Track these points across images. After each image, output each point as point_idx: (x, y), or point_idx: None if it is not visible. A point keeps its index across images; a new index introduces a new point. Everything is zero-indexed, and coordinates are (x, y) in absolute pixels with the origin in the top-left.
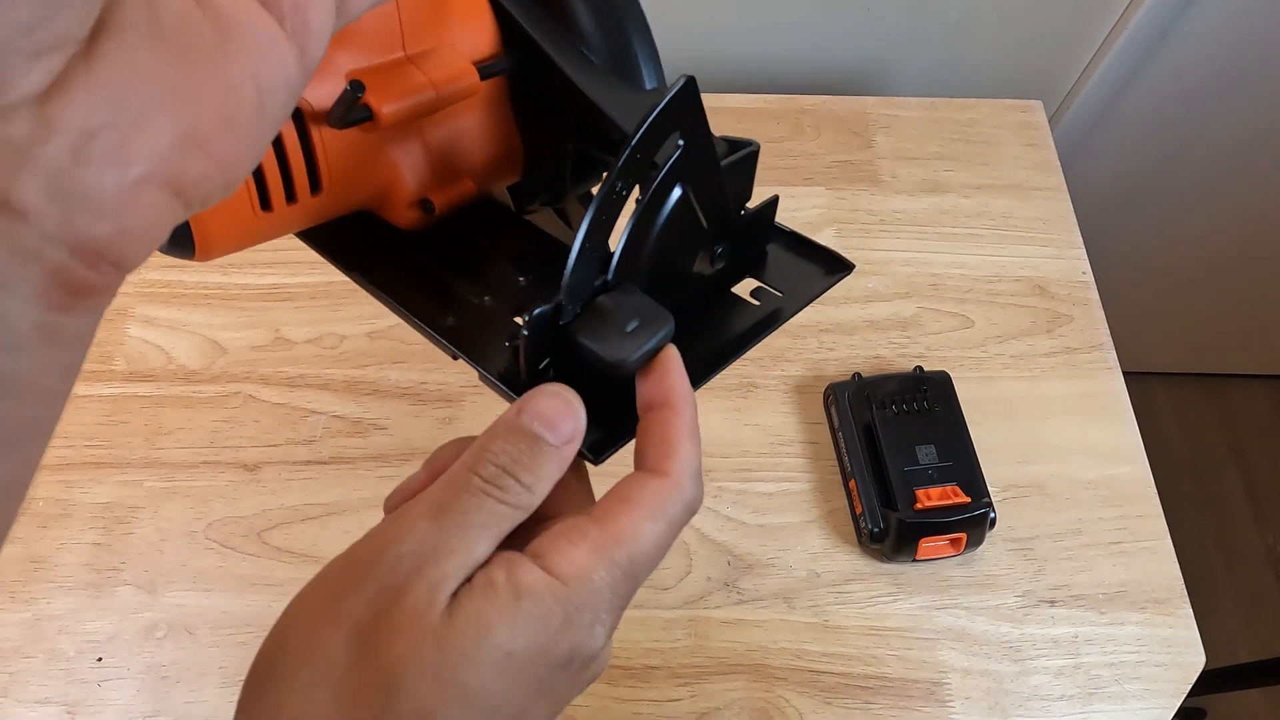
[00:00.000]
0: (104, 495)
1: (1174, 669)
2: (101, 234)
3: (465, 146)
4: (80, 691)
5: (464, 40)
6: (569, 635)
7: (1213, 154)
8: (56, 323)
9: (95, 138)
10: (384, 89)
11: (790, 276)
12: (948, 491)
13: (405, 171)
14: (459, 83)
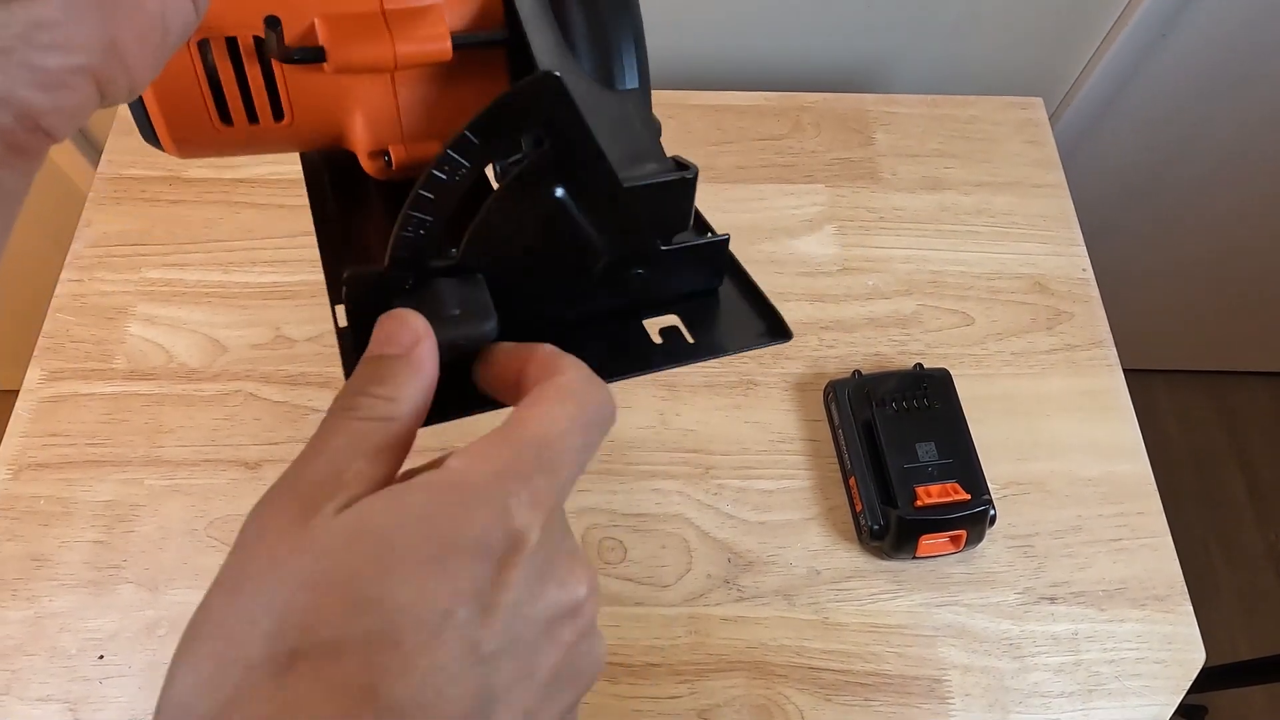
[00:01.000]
0: (105, 493)
1: (1174, 666)
2: (40, 105)
3: (440, 110)
4: (82, 689)
5: (459, 7)
6: (470, 514)
7: (1213, 151)
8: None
9: (45, 30)
10: (343, 37)
11: (720, 323)
12: (948, 489)
13: (367, 120)
14: (424, 47)
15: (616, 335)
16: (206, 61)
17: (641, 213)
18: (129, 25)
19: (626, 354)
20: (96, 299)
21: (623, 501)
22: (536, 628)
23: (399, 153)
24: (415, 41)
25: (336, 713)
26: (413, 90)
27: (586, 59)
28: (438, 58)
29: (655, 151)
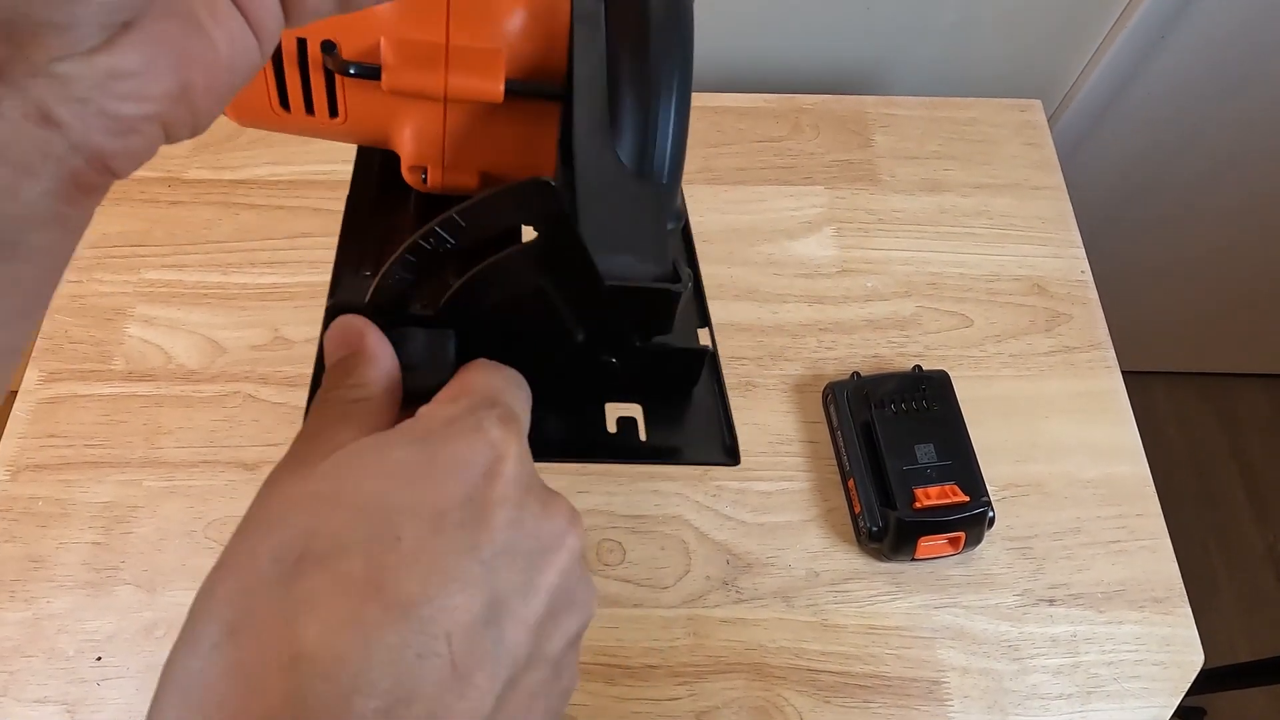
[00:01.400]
0: (103, 495)
1: (1173, 668)
2: (111, 149)
3: (484, 146)
4: (80, 691)
5: (522, 52)
6: (450, 433)
7: (1212, 153)
8: (65, 212)
9: (122, 80)
10: (402, 61)
11: (681, 427)
12: (946, 490)
13: (412, 137)
14: (476, 86)
15: (576, 414)
16: (275, 54)
17: (622, 311)
18: (200, 72)
19: (579, 438)
20: (95, 300)
21: (621, 503)
22: (530, 541)
23: (435, 176)
24: (469, 79)
25: (344, 605)
26: (461, 121)
27: (626, 138)
28: (488, 98)
29: (659, 251)
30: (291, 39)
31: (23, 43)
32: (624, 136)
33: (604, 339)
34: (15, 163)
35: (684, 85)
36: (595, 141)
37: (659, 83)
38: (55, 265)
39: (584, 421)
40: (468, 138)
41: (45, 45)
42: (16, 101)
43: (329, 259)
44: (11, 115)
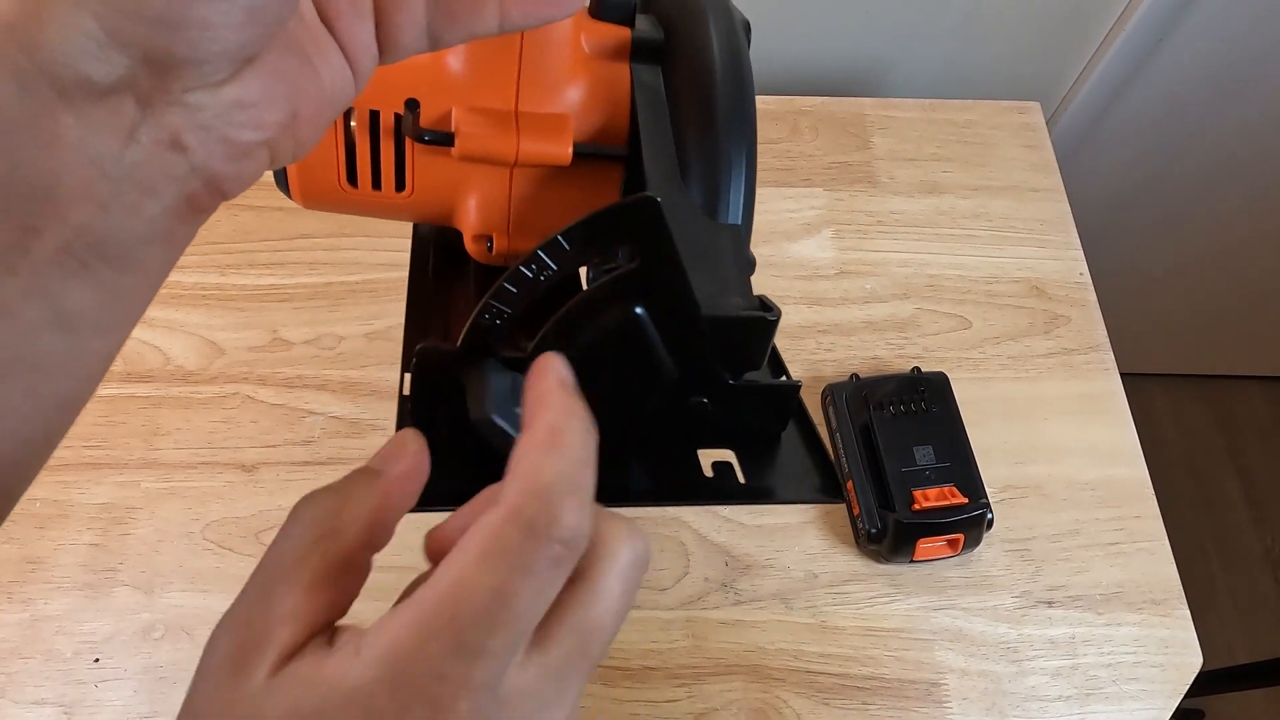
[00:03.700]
0: (101, 496)
1: (1171, 670)
2: (225, 173)
3: (549, 210)
4: (77, 692)
5: (587, 117)
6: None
7: (1210, 155)
8: (176, 230)
9: (243, 109)
10: (475, 128)
11: (776, 468)
12: (945, 492)
13: (479, 205)
14: (546, 150)
15: (668, 459)
16: (347, 129)
17: (716, 344)
18: (306, 103)
19: (676, 481)
20: None
21: None
22: None
23: (501, 242)
24: (540, 143)
25: None
26: (527, 186)
27: (696, 186)
28: (557, 161)
29: (742, 287)
30: (365, 110)
31: (164, 75)
32: (694, 183)
33: (696, 377)
34: (142, 183)
35: (751, 135)
36: (670, 186)
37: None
38: (157, 279)
39: (680, 466)
40: (533, 203)
41: (182, 77)
42: (152, 128)
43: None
44: (146, 141)
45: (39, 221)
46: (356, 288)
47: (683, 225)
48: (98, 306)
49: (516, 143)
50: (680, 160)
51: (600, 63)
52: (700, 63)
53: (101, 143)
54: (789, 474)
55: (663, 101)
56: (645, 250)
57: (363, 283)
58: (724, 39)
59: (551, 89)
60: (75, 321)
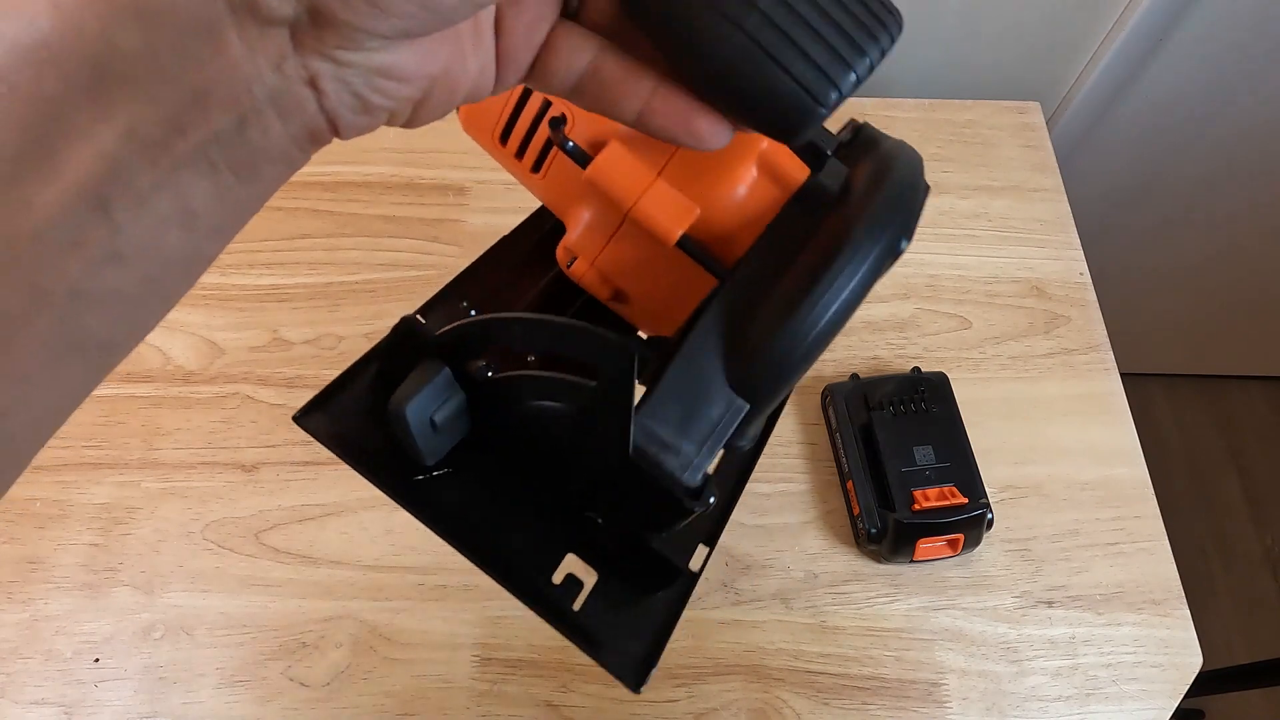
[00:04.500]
0: (101, 496)
1: (1171, 670)
2: (346, 121)
3: (637, 270)
4: (77, 692)
5: (713, 220)
6: None
7: (1210, 155)
8: (295, 154)
9: (384, 76)
10: (613, 163)
11: (614, 618)
12: (945, 492)
13: (583, 225)
14: (655, 220)
15: (535, 544)
16: (520, 98)
17: (630, 489)
18: (441, 88)
19: (522, 569)
20: None
21: None
22: None
23: (580, 268)
24: (655, 212)
25: None
26: (629, 239)
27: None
28: (661, 238)
29: (698, 459)
30: (540, 95)
31: (323, 29)
32: (739, 349)
33: (600, 499)
34: (277, 108)
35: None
36: (711, 339)
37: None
38: (266, 194)
39: (538, 554)
40: (625, 255)
41: (338, 36)
42: (298, 66)
43: (328, 260)
44: (290, 74)
45: (187, 121)
46: (356, 288)
47: (688, 378)
48: (216, 210)
49: (637, 198)
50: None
51: (762, 181)
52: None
53: (254, 65)
54: (622, 634)
55: (789, 246)
56: (604, 386)
57: (363, 283)
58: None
59: (700, 176)
60: (196, 221)
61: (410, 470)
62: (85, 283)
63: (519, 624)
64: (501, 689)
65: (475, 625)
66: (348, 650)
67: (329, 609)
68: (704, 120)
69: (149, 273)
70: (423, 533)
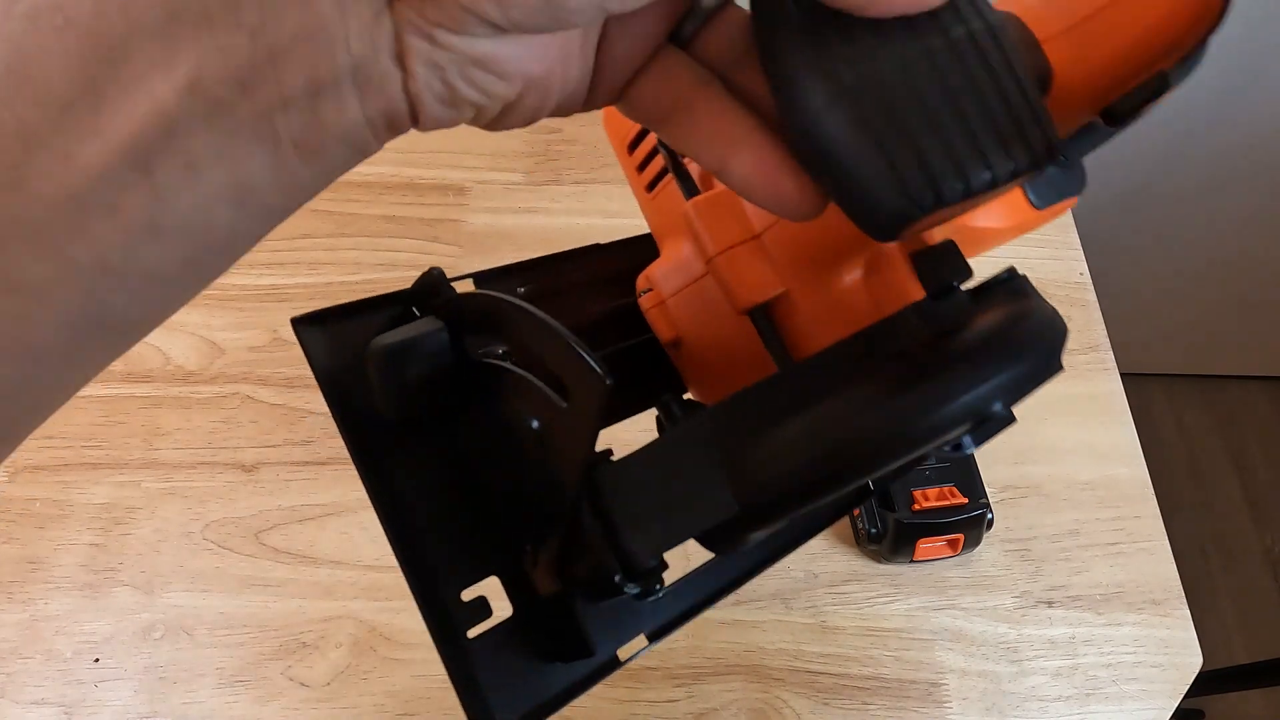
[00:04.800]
0: (101, 496)
1: (1171, 670)
2: (429, 111)
3: (700, 321)
4: (77, 692)
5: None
6: None
7: (1210, 155)
8: (365, 138)
9: (479, 69)
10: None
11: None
12: (945, 492)
13: (670, 260)
14: (728, 281)
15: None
16: None
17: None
18: (537, 91)
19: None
20: None
21: None
22: None
23: (649, 302)
24: (732, 272)
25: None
26: (706, 290)
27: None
28: (729, 299)
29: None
30: None
31: (426, 3)
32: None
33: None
34: (359, 82)
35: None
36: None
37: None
38: (324, 181)
39: (460, 562)
40: (698, 306)
41: (444, 15)
42: (390, 38)
43: (328, 260)
44: (379, 46)
45: (257, 80)
46: (356, 288)
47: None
48: (271, 189)
49: (722, 249)
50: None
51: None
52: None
53: (343, 27)
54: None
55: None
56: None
57: (363, 283)
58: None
59: (801, 252)
60: (248, 198)
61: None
62: (118, 257)
63: None
64: None
65: None
66: (348, 650)
67: (329, 609)
68: (793, 183)
69: (188, 251)
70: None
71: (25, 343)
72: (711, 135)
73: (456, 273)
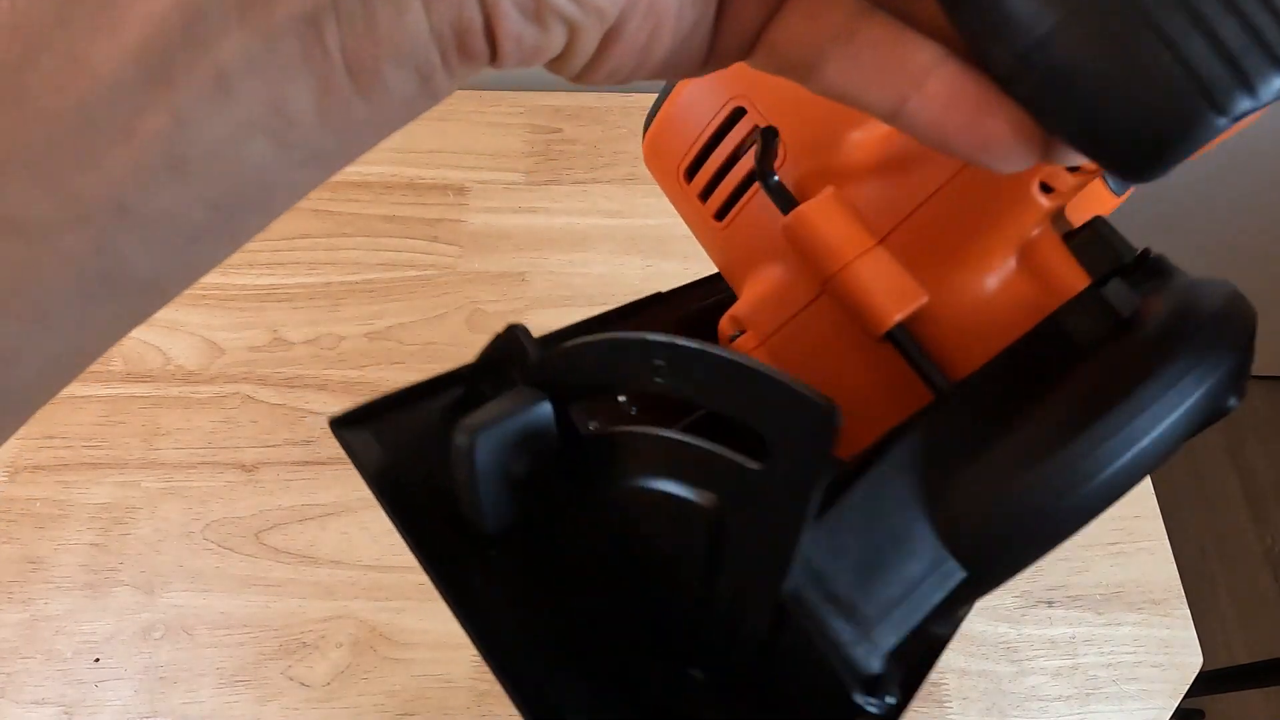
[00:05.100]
0: (101, 496)
1: (1171, 670)
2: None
3: (818, 357)
4: (77, 692)
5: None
6: None
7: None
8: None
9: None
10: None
11: None
12: None
13: (761, 294)
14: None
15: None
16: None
17: (770, 657)
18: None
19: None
20: None
21: None
22: None
23: (746, 344)
24: (868, 285)
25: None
26: (820, 319)
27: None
28: (867, 323)
29: (880, 635)
30: (749, 124)
31: None
32: (963, 491)
33: (712, 654)
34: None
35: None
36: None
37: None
38: (384, 128)
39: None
40: (811, 337)
41: None
42: None
43: (328, 260)
44: None
45: None
46: (356, 288)
47: (882, 513)
48: (316, 121)
49: (847, 263)
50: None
51: (1023, 277)
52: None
53: None
54: None
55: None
56: (773, 466)
57: (362, 283)
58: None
59: (937, 252)
60: (289, 131)
61: (451, 529)
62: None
63: None
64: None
65: None
66: (348, 650)
67: (329, 609)
68: (1002, 120)
69: (214, 194)
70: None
71: (29, 296)
72: (882, 71)
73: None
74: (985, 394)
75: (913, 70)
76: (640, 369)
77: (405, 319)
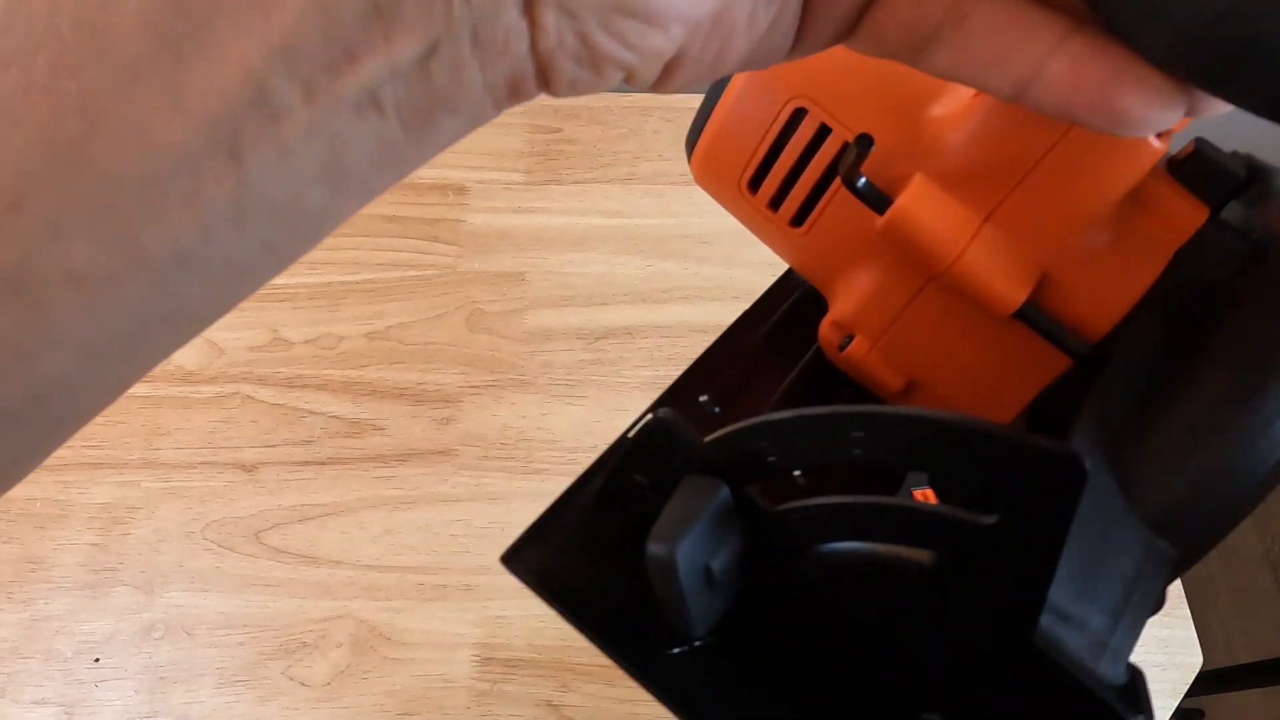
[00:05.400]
0: (101, 496)
1: (1171, 669)
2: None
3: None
4: (77, 692)
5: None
6: None
7: None
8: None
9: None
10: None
11: None
12: None
13: (861, 294)
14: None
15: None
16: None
17: (1021, 693)
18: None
19: None
20: None
21: None
22: None
23: (859, 350)
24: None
25: None
26: (932, 310)
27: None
28: (992, 305)
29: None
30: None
31: None
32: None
33: (948, 699)
34: (479, 41)
35: None
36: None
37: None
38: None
39: None
40: (926, 332)
41: None
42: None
43: (328, 260)
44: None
45: (361, 43)
46: (356, 288)
47: (1088, 516)
48: (369, 167)
49: (962, 250)
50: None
51: (1137, 221)
52: None
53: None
54: None
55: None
56: (1019, 515)
57: (363, 283)
58: None
59: (1043, 217)
60: (345, 180)
61: (658, 638)
62: (196, 246)
63: (519, 624)
64: (501, 689)
65: (475, 625)
66: (348, 650)
67: (329, 609)
68: (1139, 91)
69: (272, 237)
70: (423, 532)
71: (86, 339)
72: (1000, 55)
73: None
74: (1135, 357)
75: (1034, 51)
76: (832, 444)
77: (405, 319)
